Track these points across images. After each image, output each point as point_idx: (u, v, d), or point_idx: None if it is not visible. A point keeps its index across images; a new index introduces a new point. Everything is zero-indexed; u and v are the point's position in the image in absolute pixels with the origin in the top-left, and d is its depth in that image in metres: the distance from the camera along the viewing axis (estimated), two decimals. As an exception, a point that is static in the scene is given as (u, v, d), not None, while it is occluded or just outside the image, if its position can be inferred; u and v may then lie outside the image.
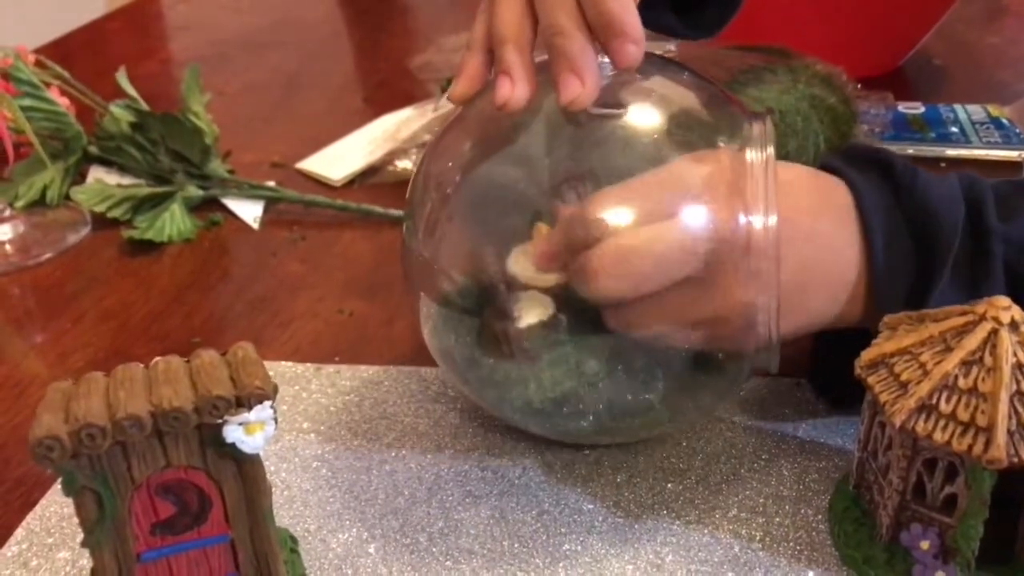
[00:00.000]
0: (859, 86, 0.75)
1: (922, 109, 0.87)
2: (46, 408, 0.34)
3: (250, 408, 0.35)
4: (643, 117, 0.45)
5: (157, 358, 0.38)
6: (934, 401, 0.38)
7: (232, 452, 0.36)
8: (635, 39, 0.42)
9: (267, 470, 0.49)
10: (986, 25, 1.13)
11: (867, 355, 0.41)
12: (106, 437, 0.33)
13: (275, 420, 0.36)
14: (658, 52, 0.76)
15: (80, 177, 0.79)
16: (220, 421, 0.35)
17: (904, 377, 0.40)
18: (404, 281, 0.51)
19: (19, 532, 0.47)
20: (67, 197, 0.76)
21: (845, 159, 0.49)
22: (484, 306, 0.45)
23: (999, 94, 0.91)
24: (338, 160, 0.84)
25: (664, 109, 0.45)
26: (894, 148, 0.80)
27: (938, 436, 0.38)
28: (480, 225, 0.47)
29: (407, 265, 0.49)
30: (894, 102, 0.86)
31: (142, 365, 0.37)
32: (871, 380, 0.40)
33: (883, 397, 0.39)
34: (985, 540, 0.39)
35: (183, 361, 0.37)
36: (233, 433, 0.35)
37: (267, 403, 0.35)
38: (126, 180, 0.78)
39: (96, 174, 0.78)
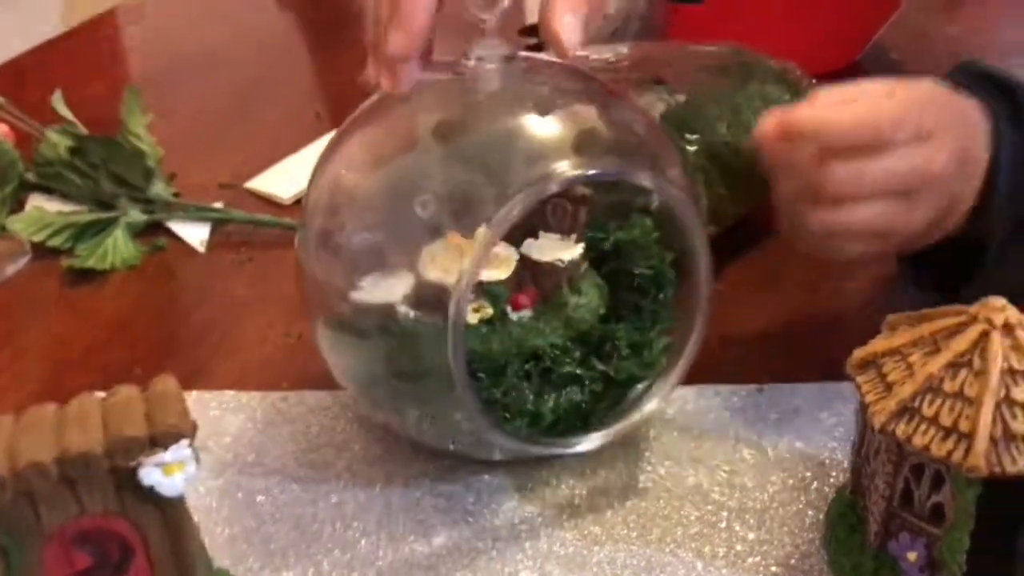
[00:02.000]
0: (815, 82, 0.74)
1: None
2: (-57, 459, 0.32)
3: (166, 448, 0.32)
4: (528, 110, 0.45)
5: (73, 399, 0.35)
6: (917, 404, 0.37)
7: (152, 496, 0.33)
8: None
9: (207, 507, 0.47)
10: (945, 15, 1.13)
11: (859, 354, 0.40)
12: (6, 488, 0.31)
13: (196, 459, 0.33)
14: (609, 54, 0.74)
15: (19, 205, 0.76)
16: (134, 464, 0.32)
17: (891, 378, 0.38)
18: (300, 303, 0.49)
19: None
20: (3, 228, 0.73)
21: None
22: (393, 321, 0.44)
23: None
24: (288, 177, 0.82)
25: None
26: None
27: (918, 440, 0.36)
28: (384, 229, 0.46)
29: (301, 286, 0.48)
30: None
31: (55, 405, 0.35)
32: (860, 380, 0.39)
33: (868, 398, 0.38)
34: (981, 556, 0.37)
35: (98, 399, 0.35)
36: (150, 476, 0.33)
37: (184, 441, 0.33)
38: (67, 207, 0.75)
39: (35, 202, 0.76)
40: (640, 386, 0.49)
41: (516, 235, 0.49)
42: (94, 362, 0.61)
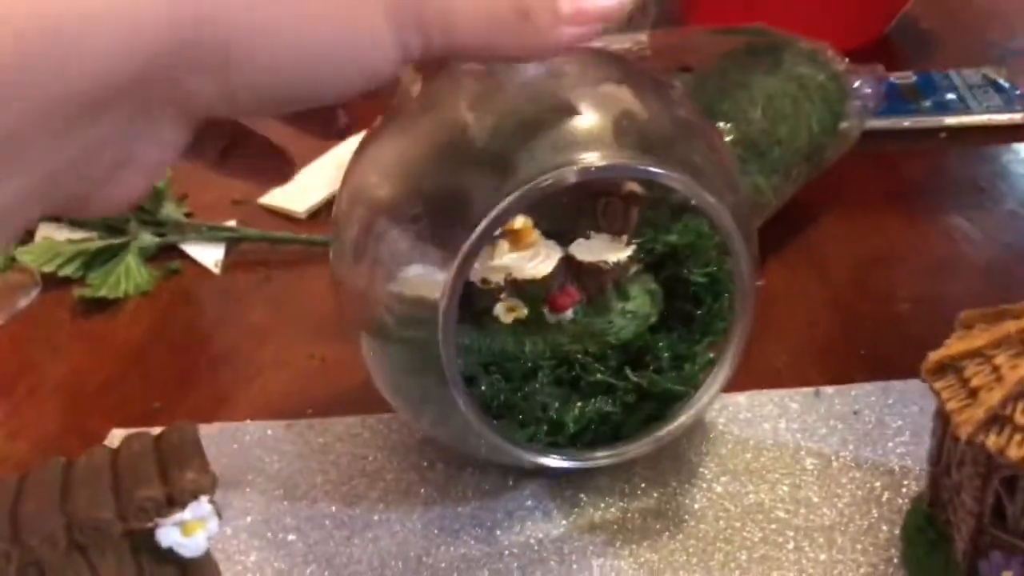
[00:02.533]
0: (846, 60, 0.70)
1: (914, 78, 0.82)
2: (-58, 530, 0.29)
3: (184, 506, 0.29)
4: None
5: (112, 434, 0.33)
6: (1008, 411, 0.33)
7: (173, 557, 0.30)
8: None
9: (235, 550, 0.44)
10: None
11: (935, 357, 0.36)
12: (11, 561, 0.28)
13: (218, 514, 0.30)
14: (628, 44, 0.71)
15: (28, 235, 0.73)
16: (150, 525, 0.29)
17: (974, 383, 0.34)
18: (339, 321, 0.46)
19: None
20: (13, 259, 0.71)
21: None
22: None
23: (991, 54, 0.86)
24: (302, 191, 0.79)
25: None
26: (889, 122, 0.75)
27: (1013, 452, 0.32)
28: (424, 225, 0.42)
29: (340, 301, 0.45)
30: (885, 73, 0.81)
31: (63, 460, 0.32)
32: (939, 387, 0.35)
33: (950, 406, 0.34)
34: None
35: (108, 451, 0.32)
36: (168, 536, 0.30)
37: (204, 497, 0.30)
38: (76, 234, 0.73)
39: (44, 231, 0.73)
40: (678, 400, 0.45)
41: (566, 234, 0.47)
42: (111, 397, 0.58)
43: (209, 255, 0.72)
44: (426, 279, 0.42)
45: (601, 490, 0.46)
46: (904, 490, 0.43)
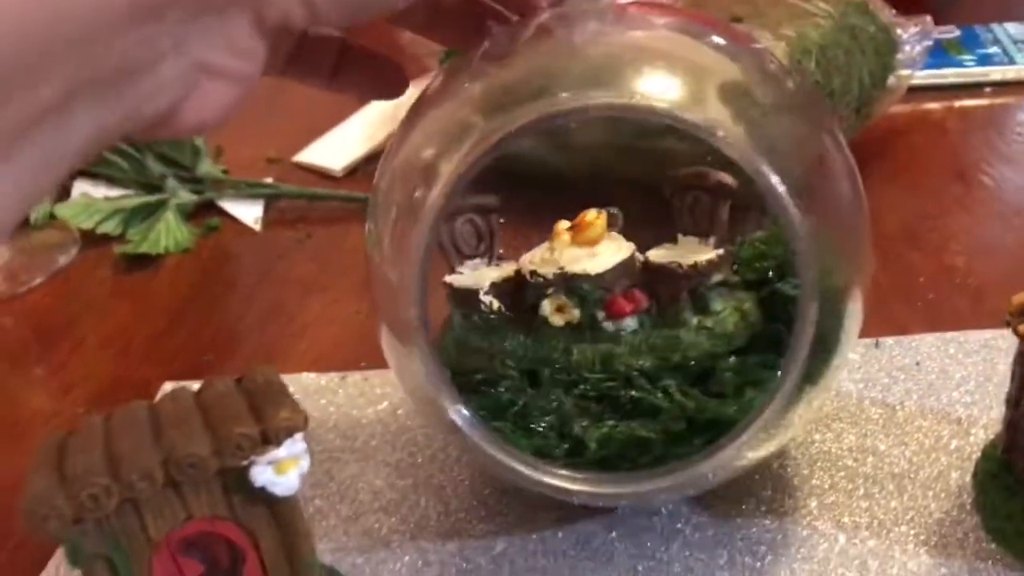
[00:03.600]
0: (894, 11, 0.69)
1: (957, 33, 0.81)
2: (38, 468, 0.29)
3: (279, 444, 0.29)
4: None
5: (163, 388, 0.32)
6: None
7: (263, 496, 0.30)
8: None
9: (300, 499, 0.44)
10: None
11: (1018, 299, 0.36)
12: (111, 496, 0.28)
13: (309, 453, 0.30)
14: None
15: (64, 193, 0.73)
16: (245, 463, 0.29)
17: None
18: (371, 309, 0.40)
19: (32, 596, 0.41)
20: (52, 216, 0.70)
21: None
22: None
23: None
24: (337, 148, 0.78)
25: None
26: (933, 77, 0.74)
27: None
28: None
29: (373, 289, 0.39)
30: (932, 25, 0.80)
31: (145, 403, 0.32)
32: (1022, 329, 0.35)
33: (1035, 349, 0.34)
34: None
35: (192, 393, 0.32)
36: (262, 475, 0.29)
37: (298, 435, 0.29)
38: (114, 192, 0.72)
39: (81, 188, 0.73)
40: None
41: (648, 237, 0.41)
42: (159, 351, 0.58)
43: (248, 212, 0.71)
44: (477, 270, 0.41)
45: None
46: (972, 438, 0.43)
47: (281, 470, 0.30)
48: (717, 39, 0.36)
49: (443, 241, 0.42)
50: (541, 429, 0.38)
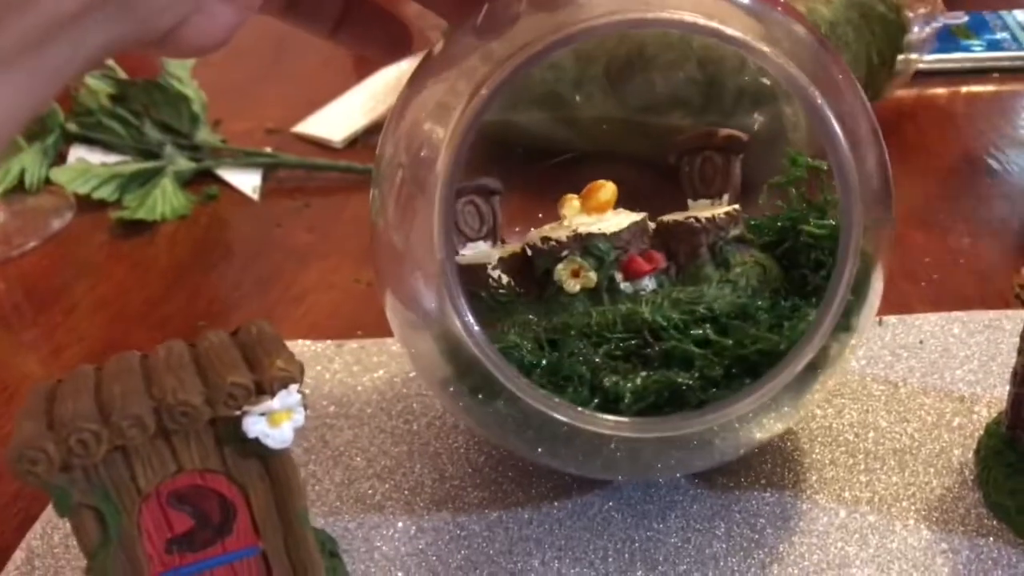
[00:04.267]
0: (903, -6, 0.68)
1: (966, 18, 0.80)
2: (27, 414, 0.28)
3: (273, 395, 0.28)
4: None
5: (157, 346, 0.32)
6: None
7: (256, 449, 0.30)
8: None
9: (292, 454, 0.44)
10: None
11: None
12: (101, 443, 0.27)
13: (304, 407, 0.30)
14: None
15: (60, 158, 0.72)
16: (238, 413, 0.29)
17: None
18: (375, 277, 0.39)
19: (18, 554, 0.41)
20: (48, 181, 0.69)
21: None
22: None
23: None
24: (338, 120, 0.77)
25: None
26: (941, 62, 0.74)
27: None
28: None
29: (377, 257, 0.38)
30: (942, 8, 0.79)
31: (138, 353, 0.31)
32: None
33: (1043, 323, 0.33)
34: None
35: (187, 345, 0.31)
36: (255, 426, 0.29)
37: (293, 387, 0.29)
38: (111, 158, 0.71)
39: (78, 153, 0.72)
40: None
41: (657, 206, 0.40)
42: (154, 316, 0.58)
43: (246, 181, 0.70)
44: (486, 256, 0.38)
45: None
46: (975, 416, 0.43)
47: (275, 422, 0.29)
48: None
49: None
50: (572, 385, 0.36)
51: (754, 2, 0.34)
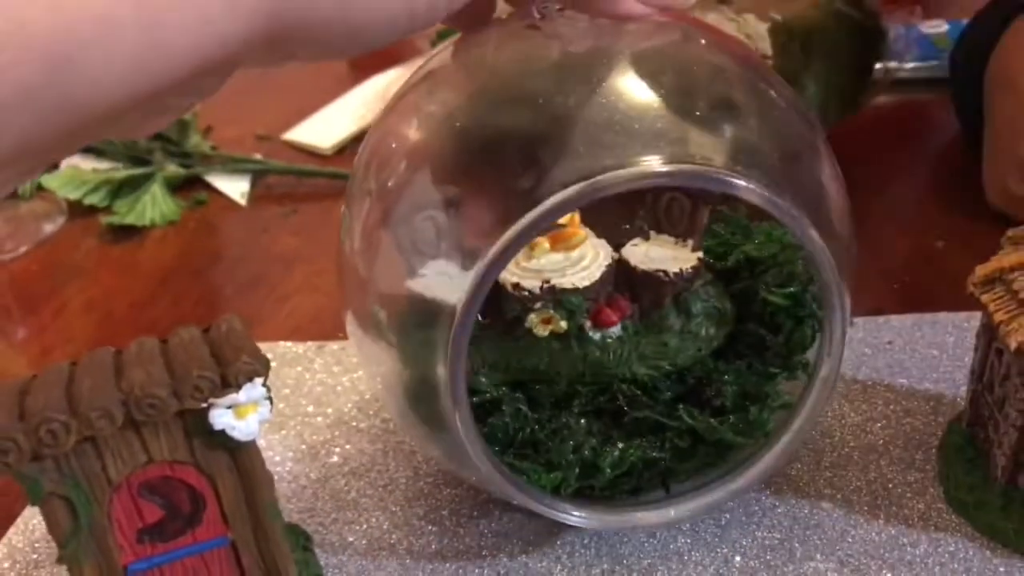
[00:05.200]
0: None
1: (945, 27, 0.81)
2: (-1, 405, 0.29)
3: (239, 387, 0.29)
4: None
5: (132, 342, 0.33)
6: None
7: (223, 441, 0.31)
8: None
9: (270, 461, 0.44)
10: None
11: (982, 270, 0.36)
12: (70, 433, 0.28)
13: (270, 400, 0.31)
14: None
15: (53, 165, 0.73)
16: (204, 405, 0.29)
17: None
18: (339, 292, 0.39)
19: (0, 549, 0.42)
20: (40, 187, 0.71)
21: None
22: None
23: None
24: (327, 127, 0.78)
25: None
26: (920, 70, 0.74)
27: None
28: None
29: (342, 275, 0.38)
30: (919, 16, 0.80)
31: (113, 349, 0.32)
32: (986, 299, 0.35)
33: (998, 317, 0.34)
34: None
35: (158, 341, 0.32)
36: (221, 418, 0.30)
37: (258, 380, 0.30)
38: (102, 164, 0.72)
39: (69, 160, 0.73)
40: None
41: (619, 233, 0.40)
42: (140, 318, 0.59)
43: (235, 187, 0.71)
44: (448, 279, 0.34)
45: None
46: (940, 415, 0.43)
47: (240, 414, 0.30)
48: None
49: (401, 242, 0.36)
50: (565, 461, 0.37)
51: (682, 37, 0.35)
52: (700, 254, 0.38)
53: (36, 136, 0.23)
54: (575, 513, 0.36)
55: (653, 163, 0.31)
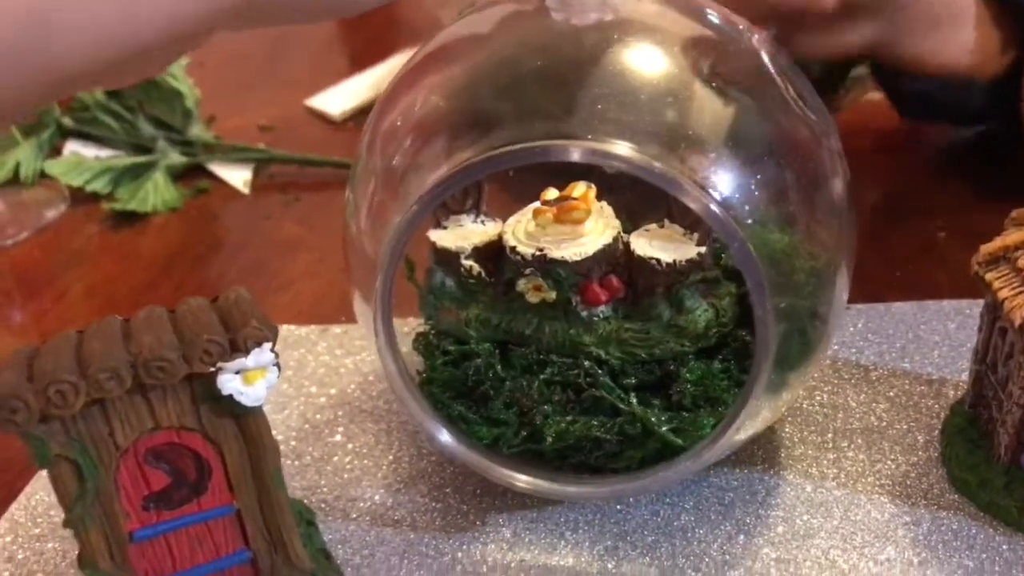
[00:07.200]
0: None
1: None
2: (7, 367, 0.29)
3: (247, 352, 0.29)
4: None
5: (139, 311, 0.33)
6: None
7: (230, 407, 0.31)
8: None
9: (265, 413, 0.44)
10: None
11: (987, 249, 0.36)
12: (79, 394, 0.28)
13: (277, 366, 0.31)
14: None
15: (55, 152, 0.73)
16: (213, 370, 0.29)
17: None
18: (347, 274, 0.40)
19: (2, 523, 0.42)
20: (43, 173, 0.71)
21: None
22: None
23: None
24: (344, 96, 0.80)
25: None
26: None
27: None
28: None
29: (349, 255, 0.39)
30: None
31: (120, 317, 0.32)
32: (990, 277, 0.35)
33: (1003, 294, 0.34)
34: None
35: (166, 310, 0.32)
36: (229, 383, 0.30)
37: (266, 345, 0.30)
38: (105, 152, 0.72)
39: (72, 147, 0.73)
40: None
41: (640, 216, 0.39)
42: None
43: (237, 176, 0.72)
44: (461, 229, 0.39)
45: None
46: (942, 398, 0.43)
47: (248, 380, 0.30)
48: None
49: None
50: (503, 417, 0.38)
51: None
52: (703, 248, 0.37)
53: (13, 93, 0.23)
54: (515, 476, 0.38)
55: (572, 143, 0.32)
